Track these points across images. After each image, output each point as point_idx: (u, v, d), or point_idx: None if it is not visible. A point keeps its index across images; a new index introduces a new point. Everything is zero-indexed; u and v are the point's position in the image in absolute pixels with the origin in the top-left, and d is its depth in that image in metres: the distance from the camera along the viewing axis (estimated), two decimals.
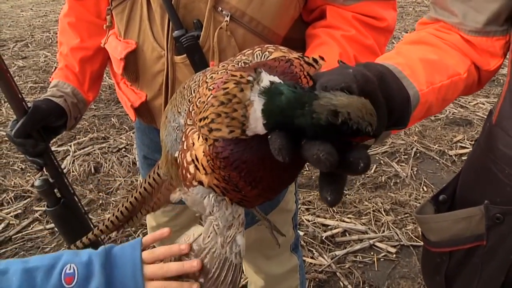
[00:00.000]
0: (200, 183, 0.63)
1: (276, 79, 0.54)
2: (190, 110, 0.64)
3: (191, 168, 0.63)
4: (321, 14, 1.06)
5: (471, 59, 0.83)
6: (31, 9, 7.72)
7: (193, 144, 0.62)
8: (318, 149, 0.47)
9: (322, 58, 0.60)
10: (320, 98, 0.48)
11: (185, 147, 0.64)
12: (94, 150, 3.37)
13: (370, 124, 0.48)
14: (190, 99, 0.68)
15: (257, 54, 0.67)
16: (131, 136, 3.55)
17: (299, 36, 1.09)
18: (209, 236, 0.73)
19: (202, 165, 0.60)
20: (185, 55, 1.03)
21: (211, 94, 0.58)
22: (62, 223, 1.29)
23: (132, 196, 0.93)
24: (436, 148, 3.25)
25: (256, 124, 0.53)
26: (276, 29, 1.03)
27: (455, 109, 3.77)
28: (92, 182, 3.05)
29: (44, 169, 1.22)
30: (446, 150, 3.23)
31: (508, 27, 0.81)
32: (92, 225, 1.33)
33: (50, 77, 1.30)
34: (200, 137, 0.60)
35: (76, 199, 1.30)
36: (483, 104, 3.82)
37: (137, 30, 1.09)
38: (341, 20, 1.01)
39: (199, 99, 0.60)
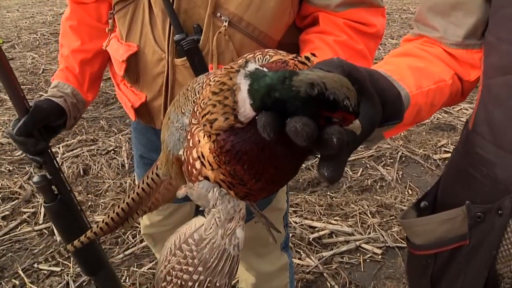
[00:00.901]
0: (206, 178, 0.66)
1: (264, 69, 0.57)
2: (195, 110, 0.67)
3: (197, 164, 0.66)
4: (313, 21, 1.11)
5: (454, 70, 0.88)
6: (17, 10, 7.65)
7: (199, 141, 0.64)
8: (295, 121, 0.49)
9: (314, 55, 0.63)
10: (299, 74, 0.51)
11: (190, 145, 0.67)
12: (83, 152, 3.37)
13: (348, 98, 0.50)
14: (195, 100, 0.71)
15: (258, 58, 0.70)
16: (120, 139, 3.56)
17: (293, 41, 1.13)
18: (210, 228, 0.76)
19: (208, 162, 0.63)
20: (185, 58, 1.07)
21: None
22: (59, 219, 1.31)
23: (129, 197, 0.92)
24: (421, 152, 3.32)
25: (245, 106, 0.55)
26: (272, 34, 1.08)
27: (440, 115, 3.85)
28: (81, 184, 3.05)
29: (43, 167, 1.25)
30: (430, 154, 3.29)
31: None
32: (87, 222, 1.36)
33: (39, 78, 1.33)
34: (205, 136, 0.63)
35: (73, 196, 1.33)
36: (467, 109, 3.90)
37: (139, 34, 1.12)
38: (333, 26, 1.06)
39: (202, 101, 0.62)
